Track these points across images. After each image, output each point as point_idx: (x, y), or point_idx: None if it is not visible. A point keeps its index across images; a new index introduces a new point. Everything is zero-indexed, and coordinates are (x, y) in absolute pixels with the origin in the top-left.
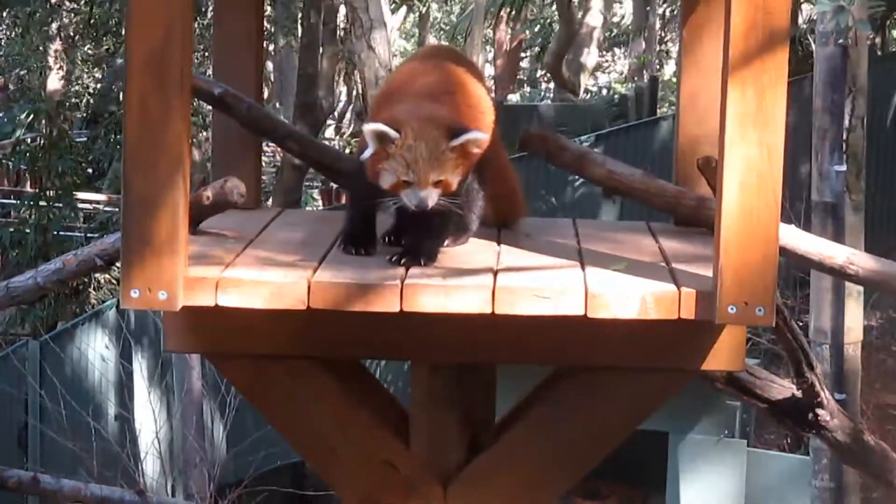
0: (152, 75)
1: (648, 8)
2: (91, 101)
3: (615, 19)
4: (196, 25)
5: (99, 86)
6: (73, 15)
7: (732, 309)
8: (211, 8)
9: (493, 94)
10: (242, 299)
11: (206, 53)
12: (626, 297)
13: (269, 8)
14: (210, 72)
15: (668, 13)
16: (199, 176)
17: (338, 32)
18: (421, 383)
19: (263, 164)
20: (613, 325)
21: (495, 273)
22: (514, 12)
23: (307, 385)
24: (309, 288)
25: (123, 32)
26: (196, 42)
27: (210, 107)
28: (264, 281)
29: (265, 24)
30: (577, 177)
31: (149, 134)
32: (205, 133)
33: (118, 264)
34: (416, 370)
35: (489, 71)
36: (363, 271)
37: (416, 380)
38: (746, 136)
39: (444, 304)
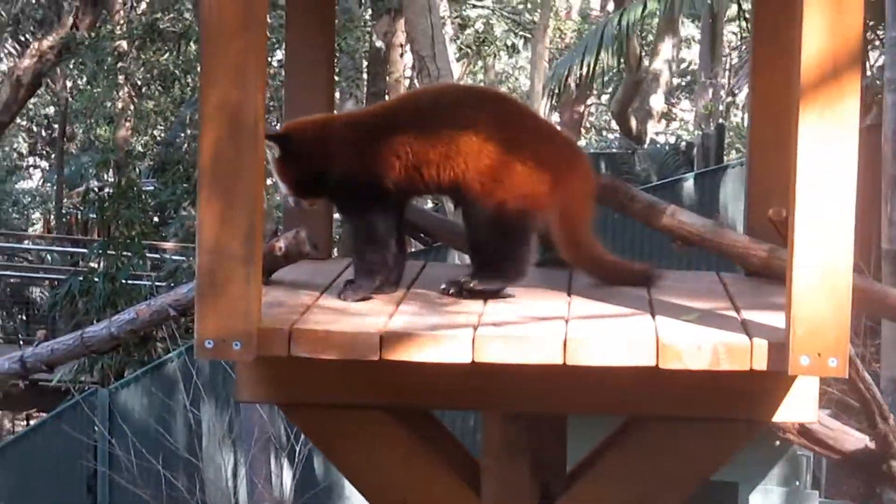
0: (226, 125)
1: (715, 56)
2: (158, 149)
3: (682, 66)
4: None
5: (165, 134)
6: (140, 64)
7: (805, 360)
8: (281, 58)
9: None
10: (315, 350)
11: (275, 104)
12: (697, 347)
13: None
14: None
15: (735, 59)
16: (270, 227)
17: (404, 82)
18: (492, 432)
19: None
20: (685, 375)
21: (567, 322)
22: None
23: (378, 434)
24: (381, 338)
25: (191, 81)
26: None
27: None
28: (337, 331)
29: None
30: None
31: (222, 184)
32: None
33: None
34: (487, 419)
35: (554, 118)
36: (435, 321)
37: (488, 428)
38: (817, 185)
39: (516, 355)
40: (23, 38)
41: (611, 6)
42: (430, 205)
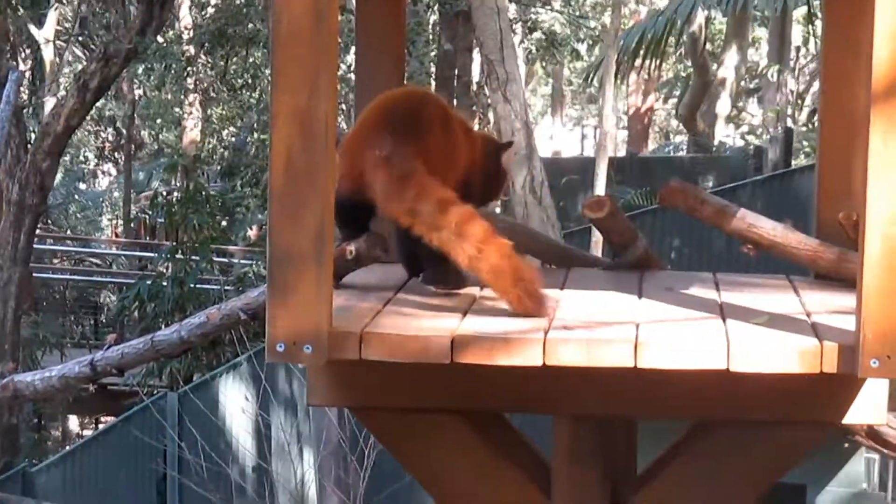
0: (298, 129)
1: (783, 58)
2: (226, 154)
3: (750, 67)
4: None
5: (233, 139)
6: (208, 69)
7: (875, 363)
8: (351, 62)
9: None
10: (387, 353)
11: (344, 107)
12: (768, 350)
13: None
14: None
15: (803, 61)
16: None
17: (471, 86)
18: (563, 436)
19: None
20: (754, 378)
21: (637, 326)
22: (647, 57)
23: (450, 437)
24: (453, 342)
25: (258, 86)
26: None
27: None
28: (408, 335)
29: None
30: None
31: (294, 188)
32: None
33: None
34: (558, 423)
35: (622, 122)
36: (506, 325)
37: (558, 432)
38: (889, 188)
39: (588, 358)
40: (89, 43)
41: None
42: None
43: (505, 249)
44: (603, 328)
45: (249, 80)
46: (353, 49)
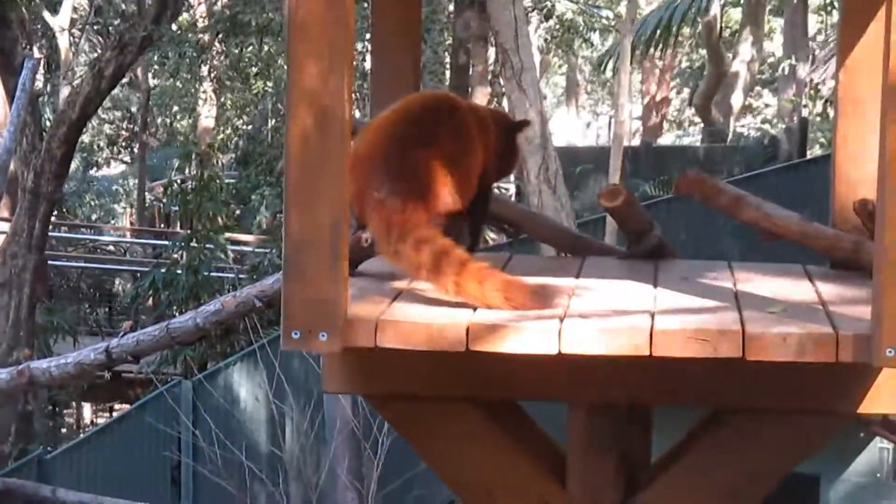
0: (313, 118)
1: (798, 48)
2: (240, 142)
3: (765, 57)
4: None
5: (248, 127)
6: (222, 57)
7: (891, 352)
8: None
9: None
10: (402, 341)
11: (359, 95)
12: (783, 339)
13: None
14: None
15: (818, 51)
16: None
17: (486, 75)
18: (578, 424)
19: None
20: (770, 367)
21: (652, 315)
22: (661, 45)
23: (465, 425)
24: (468, 330)
25: (272, 75)
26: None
27: None
28: (424, 322)
29: None
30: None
31: (309, 176)
32: None
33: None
34: (573, 411)
35: (637, 112)
36: (522, 312)
37: (573, 421)
38: None
39: (602, 346)
40: (104, 31)
41: None
42: (513, 196)
43: (482, 274)
44: (618, 316)
45: (263, 69)
46: (366, 36)
